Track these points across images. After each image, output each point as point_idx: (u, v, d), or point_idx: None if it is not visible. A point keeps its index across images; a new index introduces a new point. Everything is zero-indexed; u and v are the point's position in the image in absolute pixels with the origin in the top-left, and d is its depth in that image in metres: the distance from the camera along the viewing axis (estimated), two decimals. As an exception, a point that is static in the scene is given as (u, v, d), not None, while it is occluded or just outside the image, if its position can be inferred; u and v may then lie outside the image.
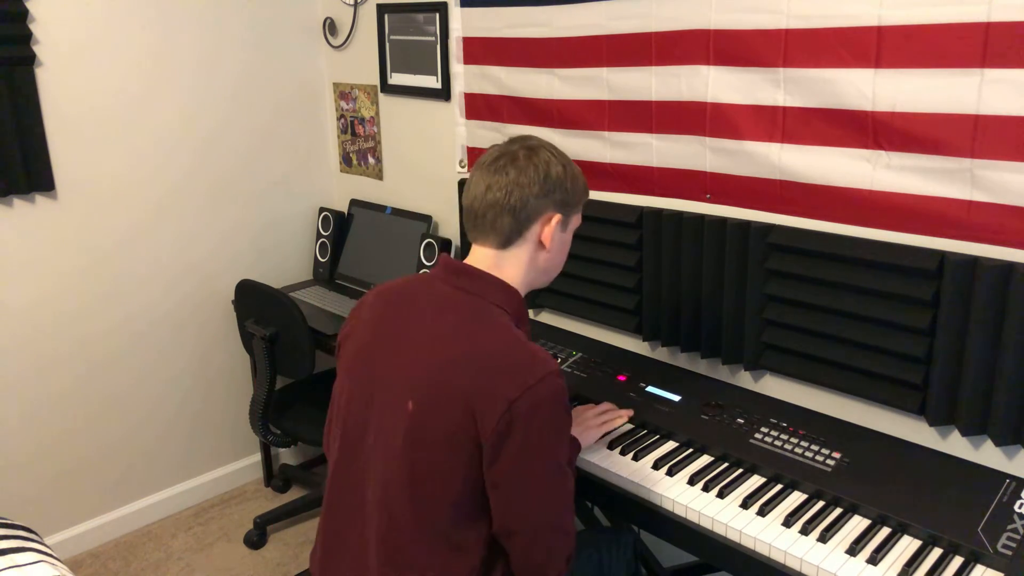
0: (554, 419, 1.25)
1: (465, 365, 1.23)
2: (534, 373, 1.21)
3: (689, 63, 1.82)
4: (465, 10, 2.32)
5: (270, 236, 2.92)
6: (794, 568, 1.32)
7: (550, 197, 1.35)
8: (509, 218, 1.33)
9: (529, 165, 1.33)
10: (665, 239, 1.94)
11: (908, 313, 1.56)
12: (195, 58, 2.60)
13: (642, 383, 1.87)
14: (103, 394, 2.59)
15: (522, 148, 1.35)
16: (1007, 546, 1.28)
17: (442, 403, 1.23)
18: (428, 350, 1.28)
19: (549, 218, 1.36)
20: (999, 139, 1.41)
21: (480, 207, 1.34)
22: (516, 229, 1.34)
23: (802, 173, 1.69)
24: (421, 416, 1.25)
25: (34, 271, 2.38)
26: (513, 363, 1.23)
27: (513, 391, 1.19)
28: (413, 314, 1.35)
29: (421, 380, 1.26)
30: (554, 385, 1.22)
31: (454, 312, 1.31)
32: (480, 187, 1.34)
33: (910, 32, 1.48)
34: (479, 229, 1.36)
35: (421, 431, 1.25)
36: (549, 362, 1.24)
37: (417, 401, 1.25)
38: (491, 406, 1.19)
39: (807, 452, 1.57)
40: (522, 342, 1.27)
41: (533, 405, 1.20)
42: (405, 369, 1.29)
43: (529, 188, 1.32)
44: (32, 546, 1.54)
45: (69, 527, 2.59)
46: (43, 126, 2.31)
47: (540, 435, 1.22)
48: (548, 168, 1.34)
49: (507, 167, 1.33)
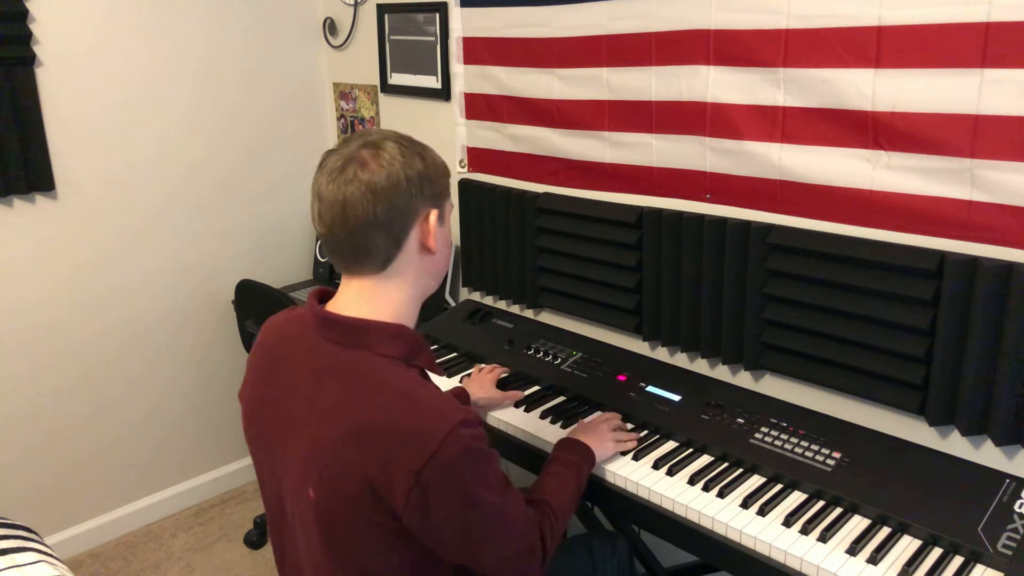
0: (472, 471, 1.11)
1: (356, 443, 1.09)
2: (434, 435, 1.06)
3: (689, 63, 1.82)
4: (465, 10, 2.32)
5: (270, 236, 2.92)
6: (794, 568, 1.32)
7: (421, 196, 1.16)
8: (382, 235, 1.14)
9: (382, 165, 1.13)
10: (665, 239, 1.94)
11: (908, 313, 1.56)
12: (195, 58, 2.60)
13: (642, 383, 1.87)
14: (103, 394, 2.59)
15: (364, 147, 1.15)
16: (1007, 546, 1.28)
17: (342, 487, 1.10)
18: (315, 429, 1.14)
19: (426, 217, 1.18)
20: (999, 139, 1.41)
21: (341, 232, 1.13)
22: (393, 244, 1.15)
23: (802, 173, 1.69)
24: (325, 503, 1.12)
25: (34, 271, 2.38)
26: (408, 431, 1.07)
27: (415, 461, 1.05)
28: (292, 377, 1.20)
29: (314, 465, 1.13)
30: (459, 440, 1.08)
31: (333, 379, 1.15)
32: (333, 204, 1.12)
33: (910, 32, 1.48)
34: (347, 258, 1.16)
35: (331, 517, 1.13)
36: (448, 414, 1.09)
37: (316, 488, 1.12)
38: (395, 482, 1.06)
39: (807, 452, 1.57)
40: (413, 401, 1.11)
41: (443, 469, 1.07)
42: (296, 451, 1.16)
43: (393, 193, 1.13)
44: (32, 546, 1.54)
45: (69, 527, 2.59)
46: (43, 126, 2.31)
47: (463, 493, 1.10)
48: (406, 162, 1.15)
49: (357, 174, 1.12)
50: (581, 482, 1.48)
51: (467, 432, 1.10)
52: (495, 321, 2.26)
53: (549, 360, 2.01)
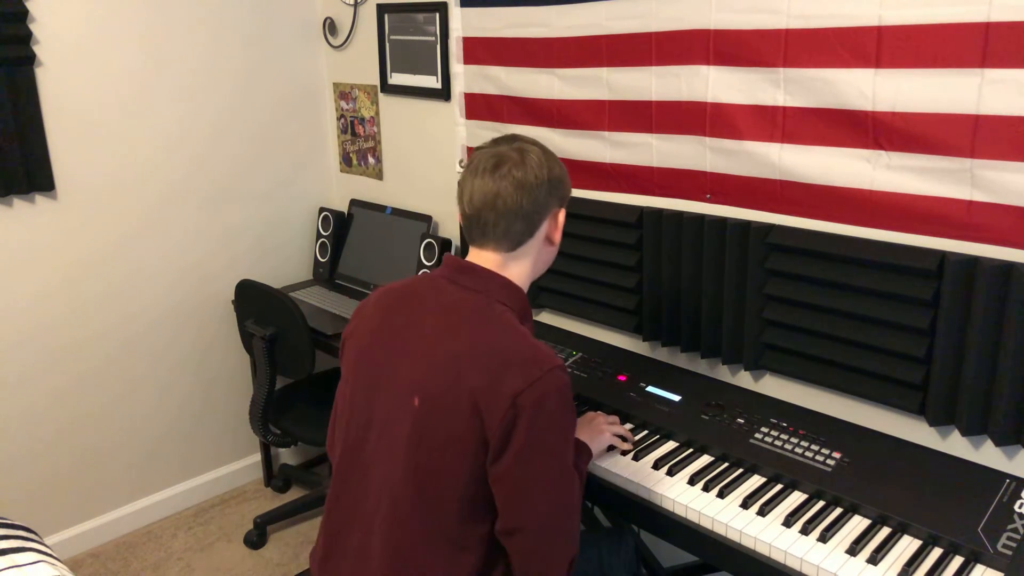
0: (558, 414, 1.24)
1: (470, 361, 1.23)
2: (538, 367, 1.22)
3: (689, 63, 1.82)
4: (465, 10, 2.32)
5: (270, 236, 2.92)
6: (794, 568, 1.32)
7: (554, 195, 1.38)
8: (522, 223, 1.35)
9: (530, 167, 1.34)
10: (665, 239, 1.94)
11: (908, 313, 1.56)
12: (195, 58, 2.60)
13: (642, 383, 1.87)
14: (103, 394, 2.59)
15: (514, 150, 1.36)
16: (1007, 546, 1.28)
17: (447, 399, 1.23)
18: (433, 347, 1.28)
19: (556, 215, 1.40)
20: (999, 139, 1.41)
21: (490, 215, 1.34)
22: (528, 232, 1.36)
23: (802, 173, 1.69)
24: (426, 412, 1.25)
25: (34, 271, 2.38)
26: (517, 358, 1.23)
27: (517, 385, 1.20)
28: (417, 312, 1.35)
29: (426, 377, 1.26)
30: (558, 380, 1.23)
31: (458, 309, 1.32)
32: (486, 194, 1.34)
33: (910, 32, 1.48)
34: (487, 236, 1.36)
35: (426, 428, 1.25)
36: (553, 358, 1.25)
37: (422, 397, 1.25)
38: (496, 401, 1.20)
39: (807, 452, 1.57)
40: (526, 337, 1.28)
41: (537, 398, 1.20)
42: (410, 366, 1.29)
43: (538, 191, 1.34)
44: (32, 546, 1.54)
45: (69, 527, 2.59)
46: (43, 126, 2.31)
47: (545, 430, 1.22)
48: (548, 167, 1.36)
49: (511, 171, 1.33)
50: (581, 478, 1.48)
51: (564, 377, 1.24)
52: (495, 321, 2.26)
53: (549, 360, 2.01)
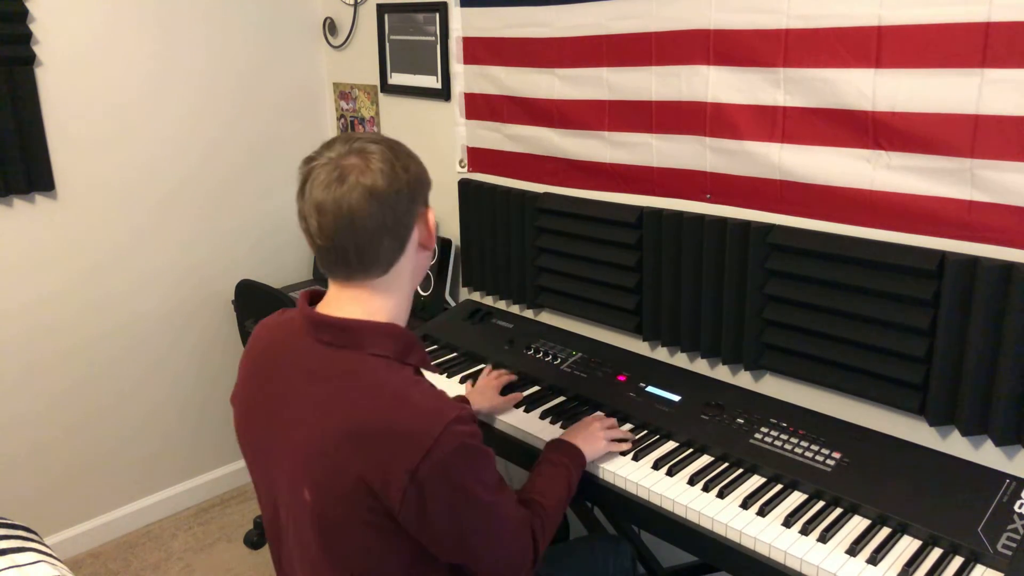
0: (468, 468, 1.12)
1: (349, 445, 1.09)
2: (428, 434, 1.07)
3: (689, 63, 1.82)
4: (465, 10, 2.32)
5: (270, 236, 2.92)
6: (794, 568, 1.32)
7: (419, 196, 1.18)
8: (390, 240, 1.14)
9: (381, 170, 1.12)
10: (665, 239, 1.94)
11: (908, 313, 1.56)
12: (195, 58, 2.60)
13: (642, 383, 1.87)
14: (103, 394, 2.59)
15: (353, 153, 1.13)
16: (1007, 546, 1.28)
17: (337, 488, 1.10)
18: (309, 431, 1.13)
19: (424, 216, 1.20)
20: (999, 139, 1.41)
21: (348, 242, 1.11)
22: (399, 248, 1.16)
23: (802, 173, 1.69)
24: (321, 504, 1.12)
25: (34, 271, 2.38)
26: (401, 430, 1.08)
27: (411, 460, 1.06)
28: (284, 387, 1.20)
29: (309, 467, 1.13)
30: (454, 437, 1.08)
31: (326, 380, 1.15)
32: (339, 218, 1.10)
33: (910, 32, 1.48)
34: (352, 267, 1.15)
35: (327, 519, 1.13)
36: (441, 412, 1.09)
37: (312, 490, 1.13)
38: (392, 483, 1.07)
39: (807, 452, 1.57)
40: (405, 400, 1.11)
41: (438, 467, 1.07)
42: (291, 455, 1.16)
43: (397, 198, 1.12)
44: (32, 546, 1.54)
45: (69, 527, 2.59)
46: (43, 126, 2.31)
47: (459, 490, 1.11)
48: (403, 164, 1.15)
49: (359, 181, 1.10)
50: (571, 483, 1.48)
51: (461, 429, 1.10)
52: (495, 321, 2.26)
53: (549, 360, 2.01)
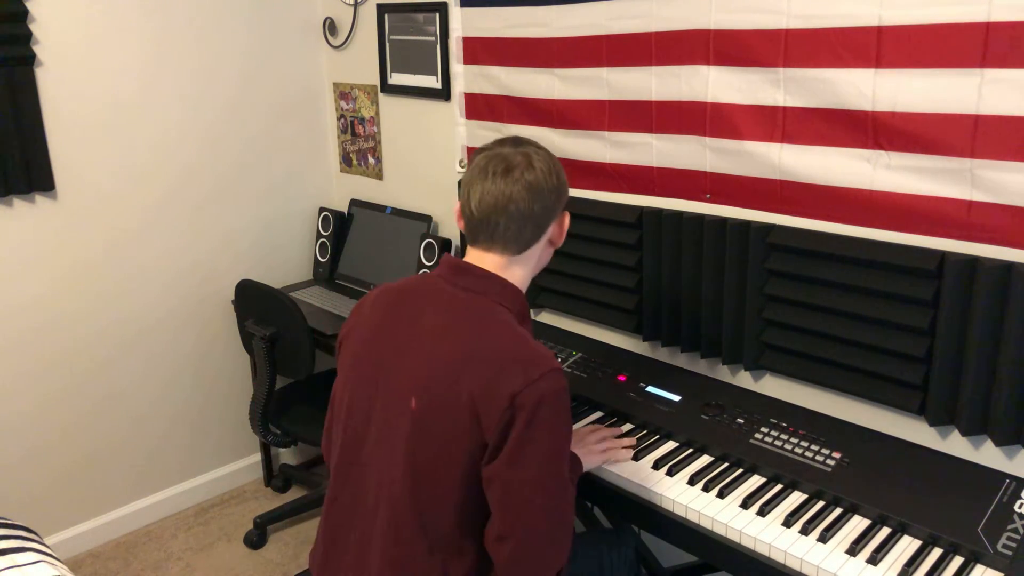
0: (555, 417, 1.23)
1: (468, 365, 1.23)
2: (536, 368, 1.21)
3: (689, 63, 1.82)
4: (465, 10, 2.32)
5: (270, 236, 2.92)
6: (794, 568, 1.32)
7: (562, 199, 1.39)
8: (532, 227, 1.34)
9: (540, 171, 1.33)
10: (665, 239, 1.94)
11: (908, 313, 1.56)
12: (195, 58, 2.60)
13: (642, 383, 1.87)
14: (103, 394, 2.59)
15: (520, 154, 1.34)
16: (1007, 546, 1.28)
17: (446, 401, 1.23)
18: (431, 348, 1.28)
19: (562, 219, 1.41)
20: (999, 139, 1.41)
21: (500, 218, 1.32)
22: (536, 235, 1.36)
23: (802, 173, 1.69)
24: (424, 414, 1.24)
25: (34, 271, 2.38)
26: (515, 359, 1.23)
27: (515, 385, 1.19)
28: (415, 312, 1.34)
29: (424, 378, 1.26)
30: (556, 382, 1.22)
31: (457, 311, 1.31)
32: (497, 197, 1.31)
33: (910, 32, 1.48)
34: (495, 239, 1.34)
35: (424, 429, 1.24)
36: (552, 360, 1.24)
37: (420, 399, 1.25)
38: (494, 402, 1.19)
39: (807, 452, 1.57)
40: (525, 339, 1.28)
41: (535, 399, 1.19)
42: (408, 367, 1.29)
43: (548, 195, 1.34)
44: (32, 546, 1.55)
45: (69, 527, 2.59)
46: (43, 126, 2.31)
47: (541, 431, 1.21)
48: (556, 171, 1.36)
49: (523, 175, 1.31)
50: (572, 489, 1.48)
51: (562, 380, 1.24)
52: (495, 321, 2.26)
53: (549, 360, 2.01)
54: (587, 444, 1.61)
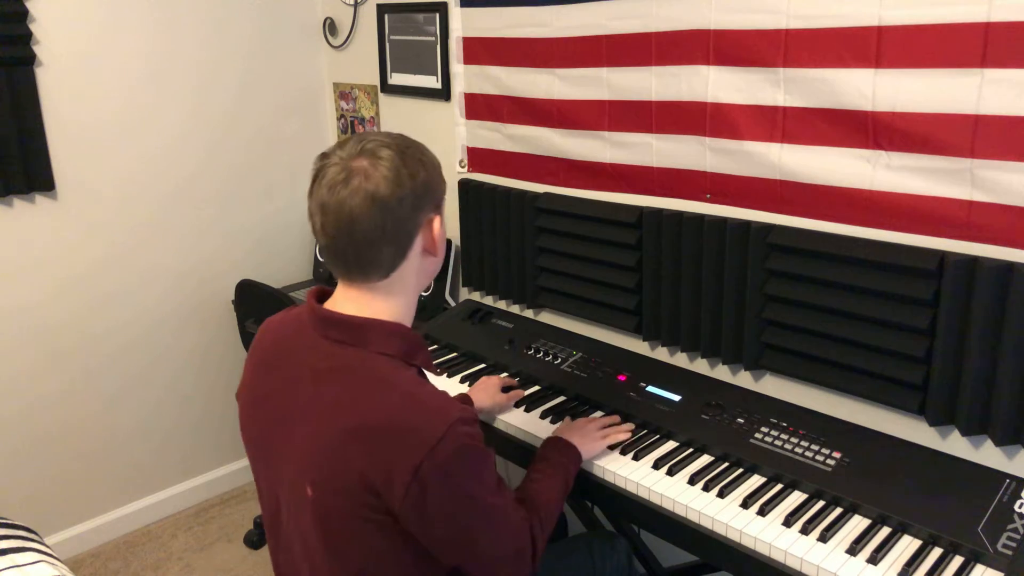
0: (469, 468, 1.14)
1: (355, 442, 1.10)
2: (433, 432, 1.08)
3: (689, 63, 1.82)
4: (465, 10, 2.32)
5: (271, 236, 2.92)
6: (794, 568, 1.32)
7: (424, 203, 1.17)
8: (390, 247, 1.15)
9: (386, 176, 1.12)
10: (665, 239, 1.94)
11: (908, 313, 1.56)
12: (195, 58, 2.60)
13: (642, 383, 1.87)
14: (103, 394, 2.59)
15: (364, 155, 1.13)
16: (1007, 546, 1.28)
17: (340, 484, 1.11)
18: (314, 427, 1.15)
19: (430, 223, 1.20)
20: (999, 139, 1.41)
21: (348, 245, 1.13)
22: (400, 254, 1.17)
23: (802, 173, 1.69)
24: (323, 500, 1.13)
25: (34, 271, 2.38)
26: (406, 428, 1.09)
27: (414, 457, 1.07)
28: (290, 382, 1.20)
29: (312, 462, 1.14)
30: (457, 437, 1.09)
31: (333, 377, 1.16)
32: (339, 218, 1.11)
33: (910, 32, 1.48)
34: (352, 269, 1.17)
35: (327, 515, 1.14)
36: (446, 411, 1.10)
37: (314, 486, 1.14)
38: (394, 478, 1.08)
39: (807, 452, 1.57)
40: (412, 399, 1.12)
41: (440, 465, 1.08)
42: (296, 450, 1.17)
43: (399, 206, 1.12)
44: (32, 546, 1.55)
45: (69, 527, 2.59)
46: (43, 126, 2.31)
47: (460, 490, 1.12)
48: (409, 171, 1.14)
49: (362, 186, 1.11)
50: (568, 482, 1.49)
51: (464, 430, 1.11)
52: (495, 321, 2.26)
53: (549, 360, 2.01)
54: (587, 432, 1.62)
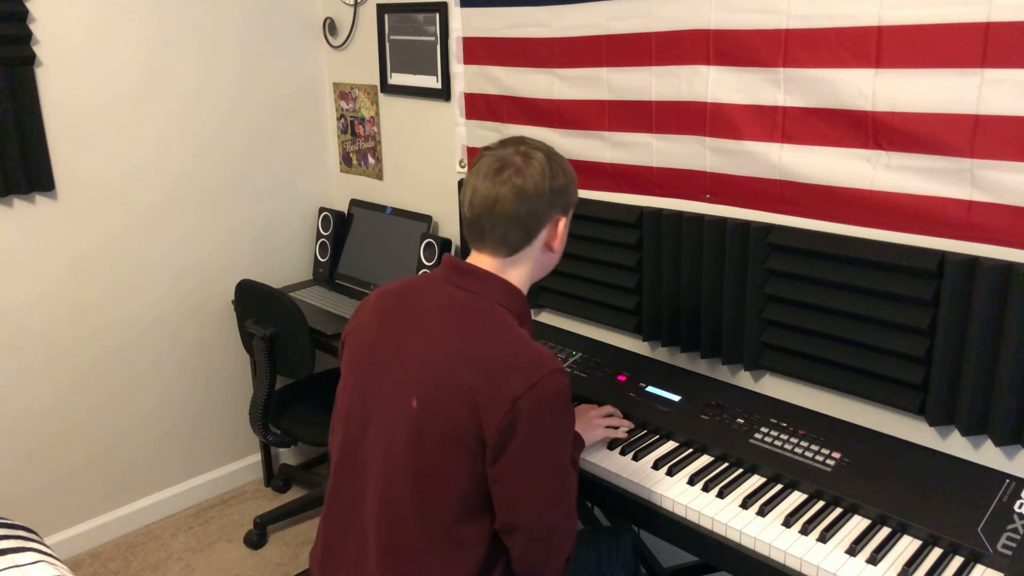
0: (558, 417, 1.25)
1: (469, 364, 1.23)
2: (538, 370, 1.21)
3: (689, 63, 1.82)
4: (465, 10, 2.32)
5: (270, 236, 2.92)
6: (794, 568, 1.32)
7: (556, 205, 1.35)
8: (519, 231, 1.33)
9: (533, 173, 1.31)
10: (665, 239, 1.94)
11: (908, 313, 1.56)
12: (195, 58, 2.60)
13: (642, 383, 1.87)
14: (103, 394, 2.59)
15: (518, 154, 1.33)
16: (1007, 546, 1.28)
17: (446, 401, 1.23)
18: (432, 348, 1.28)
19: (556, 222, 1.37)
20: (999, 139, 1.41)
21: (488, 220, 1.32)
22: (525, 239, 1.34)
23: (802, 173, 1.69)
24: (425, 414, 1.25)
25: (34, 271, 2.38)
26: (517, 361, 1.23)
27: (517, 388, 1.19)
28: (417, 313, 1.34)
29: (425, 378, 1.26)
30: (558, 383, 1.23)
31: (458, 311, 1.31)
32: (485, 198, 1.31)
33: (910, 32, 1.48)
34: (485, 240, 1.35)
35: (425, 429, 1.25)
36: (553, 360, 1.25)
37: (421, 399, 1.25)
38: (495, 404, 1.20)
39: (807, 452, 1.57)
40: (526, 341, 1.28)
41: (537, 402, 1.20)
42: (409, 367, 1.29)
43: (538, 199, 1.32)
44: (32, 546, 1.55)
45: (69, 527, 2.59)
46: (43, 126, 2.31)
47: (544, 432, 1.23)
48: (552, 174, 1.33)
49: (512, 177, 1.30)
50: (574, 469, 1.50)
51: (563, 379, 1.24)
52: (495, 321, 2.26)
53: (549, 360, 2.01)
54: (589, 419, 1.66)
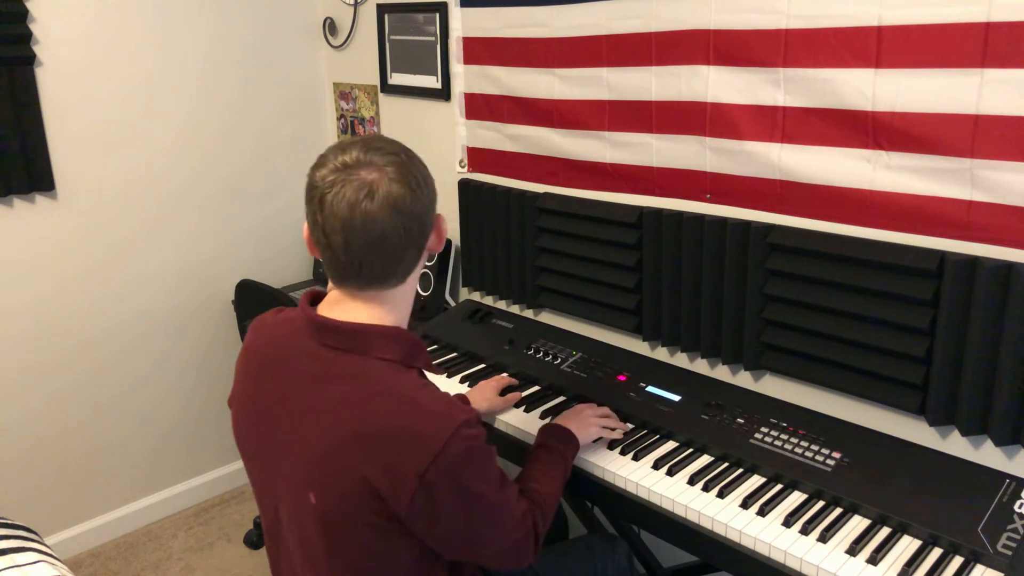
0: (475, 469, 1.14)
1: (358, 448, 1.10)
2: (438, 436, 1.08)
3: (689, 63, 1.82)
4: (465, 10, 2.32)
5: (271, 236, 2.92)
6: (794, 568, 1.32)
7: (433, 203, 1.19)
8: (413, 250, 1.16)
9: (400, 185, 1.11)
10: (665, 239, 1.94)
11: (908, 313, 1.56)
12: (195, 58, 2.60)
13: (642, 383, 1.87)
14: (103, 394, 2.59)
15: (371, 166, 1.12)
16: (1007, 546, 1.28)
17: (344, 491, 1.11)
18: (315, 434, 1.14)
19: (438, 223, 1.22)
20: (999, 139, 1.41)
21: (375, 259, 1.13)
22: (418, 255, 1.19)
23: (802, 173, 1.69)
24: (326, 506, 1.13)
25: (34, 271, 2.38)
26: (410, 435, 1.09)
27: (419, 463, 1.07)
28: (288, 389, 1.19)
29: (315, 469, 1.14)
30: (464, 440, 1.10)
31: (333, 384, 1.15)
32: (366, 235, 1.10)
33: (910, 32, 1.48)
34: (371, 281, 1.16)
35: (332, 522, 1.14)
36: (449, 416, 1.11)
37: (318, 493, 1.13)
38: (399, 486, 1.08)
39: (807, 452, 1.57)
40: (414, 404, 1.12)
41: (447, 469, 1.09)
42: (295, 455, 1.17)
43: (421, 210, 1.14)
44: (32, 546, 1.55)
45: (69, 527, 2.59)
46: (43, 126, 2.31)
47: (466, 491, 1.13)
48: (423, 176, 1.16)
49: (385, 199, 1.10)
50: (566, 468, 1.51)
51: (468, 432, 1.12)
52: (495, 321, 2.26)
53: (549, 360, 2.01)
54: (584, 417, 1.64)
